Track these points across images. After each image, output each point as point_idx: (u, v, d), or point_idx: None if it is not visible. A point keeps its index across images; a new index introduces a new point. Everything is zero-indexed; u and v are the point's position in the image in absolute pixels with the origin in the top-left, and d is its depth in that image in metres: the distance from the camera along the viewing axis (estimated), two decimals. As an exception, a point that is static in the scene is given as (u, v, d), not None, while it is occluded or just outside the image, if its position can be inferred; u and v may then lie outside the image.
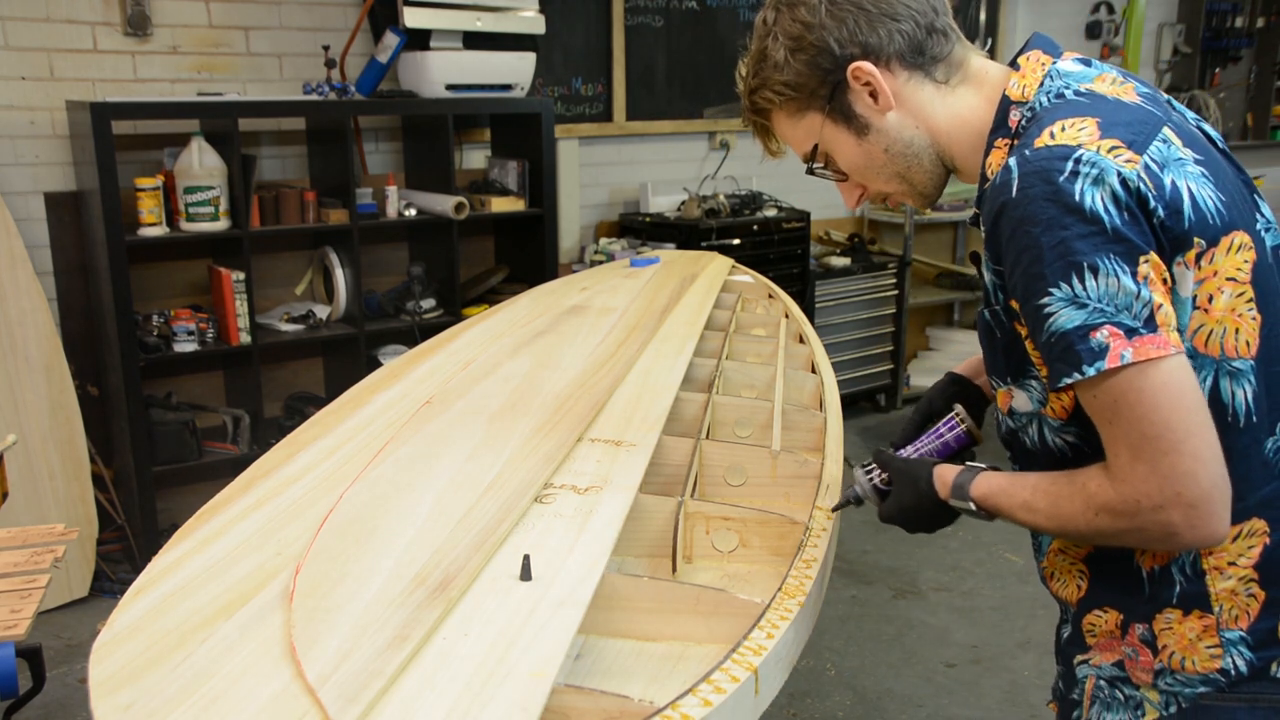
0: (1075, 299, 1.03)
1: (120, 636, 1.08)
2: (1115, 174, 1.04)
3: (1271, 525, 1.13)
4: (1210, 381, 1.10)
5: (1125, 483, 1.05)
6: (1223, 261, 1.09)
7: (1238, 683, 1.14)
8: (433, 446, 1.56)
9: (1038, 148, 1.07)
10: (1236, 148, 7.27)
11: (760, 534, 1.46)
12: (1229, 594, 1.14)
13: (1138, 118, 1.10)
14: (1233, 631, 1.14)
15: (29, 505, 3.42)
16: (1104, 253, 1.03)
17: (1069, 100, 1.13)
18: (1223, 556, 1.13)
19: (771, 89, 1.27)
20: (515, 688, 0.97)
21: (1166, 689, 1.17)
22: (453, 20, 4.00)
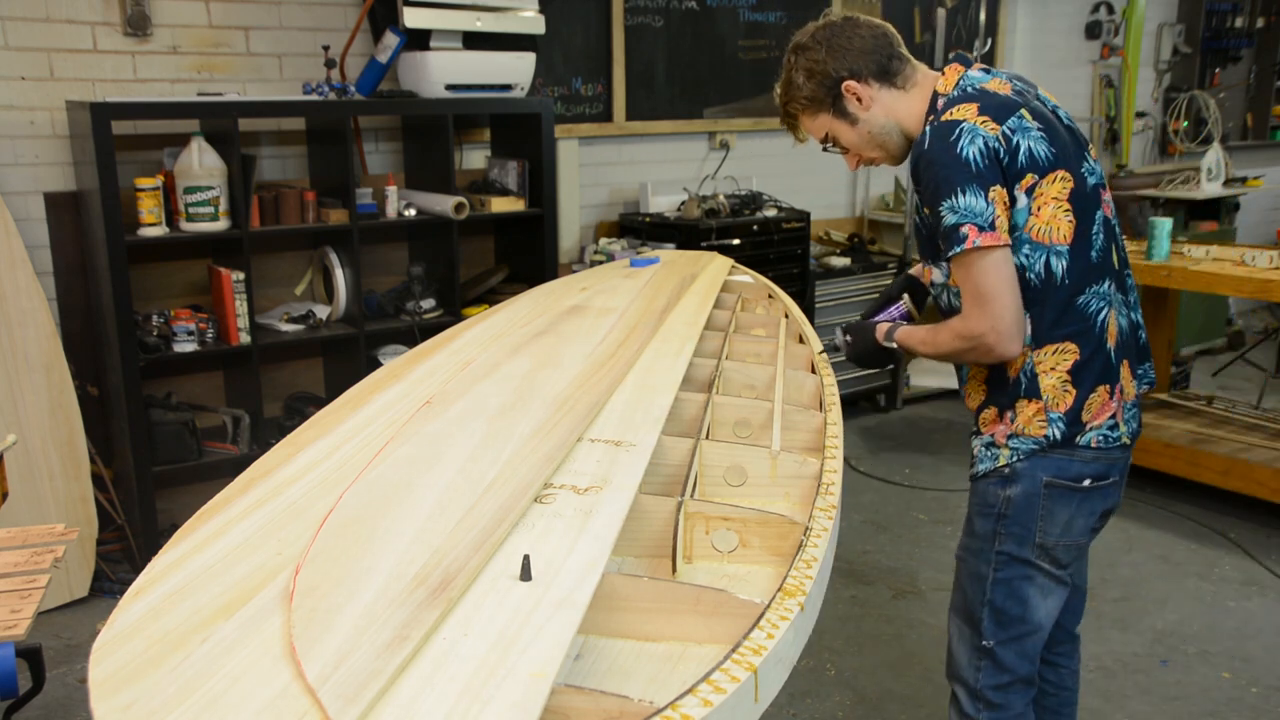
0: (954, 209, 1.79)
1: (120, 636, 1.07)
2: (981, 138, 1.80)
3: (1080, 348, 1.87)
4: (1043, 259, 1.84)
5: (969, 320, 1.83)
6: (1048, 188, 1.82)
7: (1054, 444, 1.89)
8: (433, 447, 1.56)
9: (942, 121, 1.84)
10: (1236, 148, 7.27)
11: (760, 534, 1.46)
12: (1052, 388, 1.88)
13: (1003, 103, 1.85)
14: (1055, 413, 1.88)
15: (29, 505, 3.42)
16: (970, 184, 1.78)
17: (965, 93, 1.89)
18: (1046, 364, 1.87)
19: (797, 102, 2.00)
20: (515, 688, 0.97)
21: (1014, 447, 1.93)
22: (453, 20, 4.00)
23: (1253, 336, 6.69)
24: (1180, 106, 7.09)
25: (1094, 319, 1.86)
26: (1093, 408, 1.88)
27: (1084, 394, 1.87)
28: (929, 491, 4.48)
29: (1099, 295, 1.87)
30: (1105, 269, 1.89)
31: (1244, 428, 4.52)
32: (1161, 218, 4.39)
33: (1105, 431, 1.90)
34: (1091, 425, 1.88)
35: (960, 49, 6.15)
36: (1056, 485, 1.90)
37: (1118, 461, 1.94)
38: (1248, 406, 4.90)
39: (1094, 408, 1.88)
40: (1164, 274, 4.21)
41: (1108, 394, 1.89)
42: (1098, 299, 1.87)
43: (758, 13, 5.33)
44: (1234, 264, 4.19)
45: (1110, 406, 1.90)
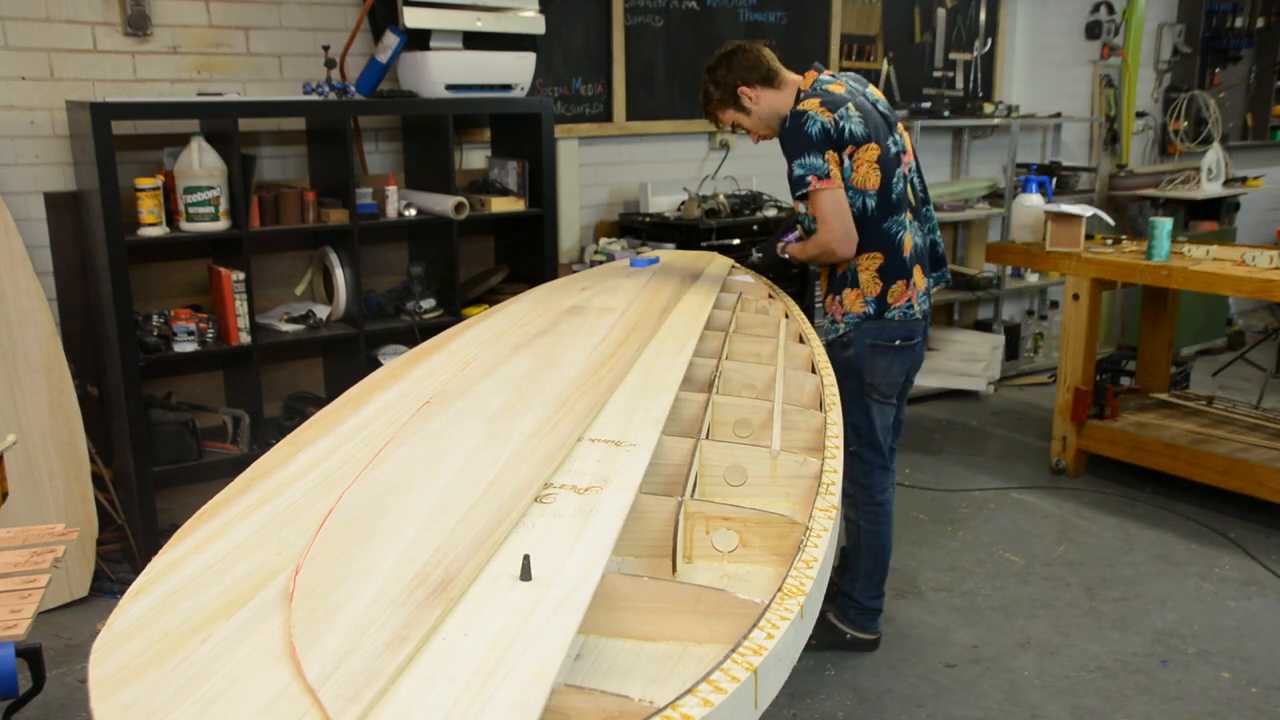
0: (802, 165, 2.80)
1: (120, 636, 1.08)
2: (819, 122, 2.80)
3: (884, 255, 2.91)
4: (860, 200, 2.85)
5: (819, 234, 2.86)
6: (862, 154, 2.83)
7: (869, 317, 2.94)
8: (433, 446, 1.56)
9: (797, 110, 2.84)
10: (1236, 148, 7.27)
11: (760, 534, 1.46)
12: (866, 281, 2.92)
13: (836, 99, 2.84)
14: (869, 297, 2.93)
15: (29, 505, 3.42)
16: (812, 150, 2.80)
17: (813, 91, 2.89)
18: (862, 264, 2.91)
19: (713, 103, 3.07)
20: (515, 688, 0.97)
21: (844, 320, 2.97)
22: (453, 20, 3.99)
23: (1253, 336, 6.69)
24: (1180, 106, 7.09)
25: (894, 238, 2.91)
26: (894, 294, 2.93)
27: (887, 285, 2.92)
28: (929, 491, 4.48)
29: (897, 223, 2.91)
30: (902, 205, 2.92)
31: (1244, 428, 4.51)
32: (1161, 218, 4.39)
33: (904, 309, 2.95)
34: (894, 306, 2.93)
35: (960, 49, 6.15)
36: (876, 345, 2.96)
37: (917, 328, 2.99)
38: (1248, 406, 4.90)
39: (894, 294, 2.93)
40: (1164, 274, 4.21)
41: (904, 286, 2.94)
42: (896, 225, 2.91)
43: (758, 13, 5.33)
44: (1234, 264, 4.19)
45: (906, 294, 2.94)
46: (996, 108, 6.14)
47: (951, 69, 6.19)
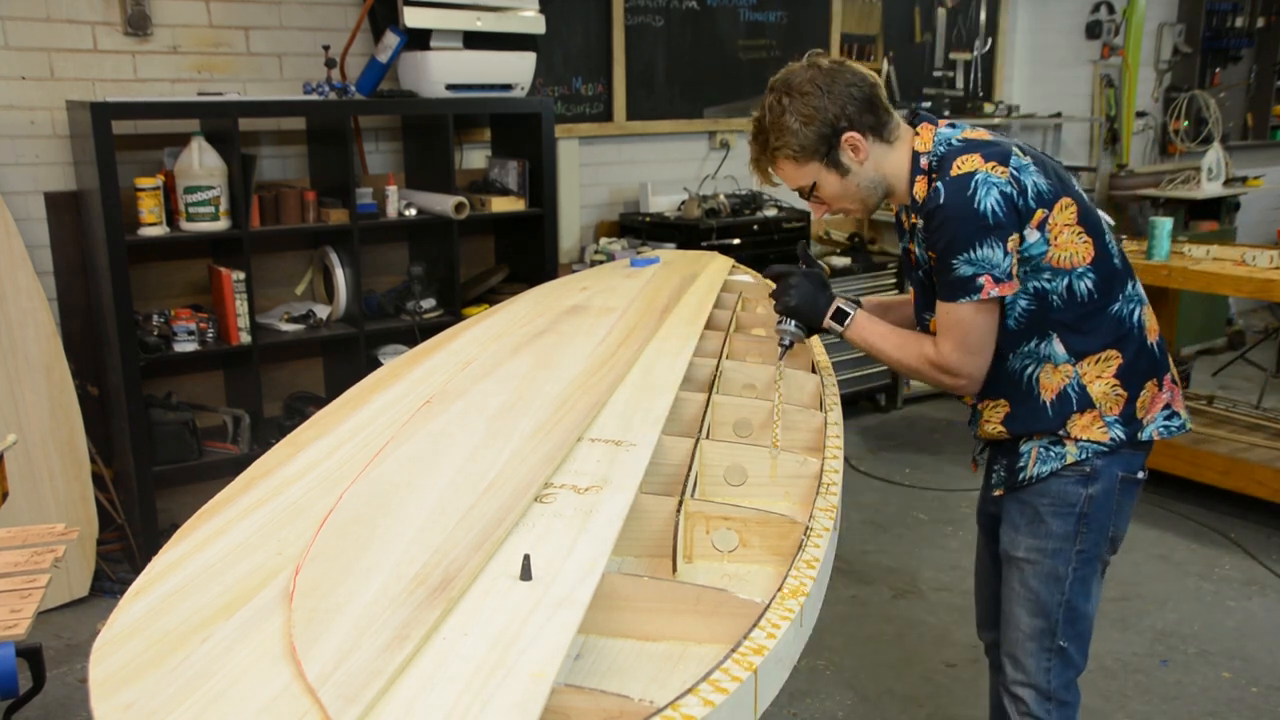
0: (971, 260, 1.82)
1: (120, 636, 1.07)
2: (996, 187, 1.80)
3: (1122, 352, 1.92)
4: (1065, 282, 1.88)
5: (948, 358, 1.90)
6: (1058, 217, 1.86)
7: (1119, 445, 1.93)
8: (433, 446, 1.56)
9: (954, 175, 1.83)
10: (1236, 147, 7.27)
11: (760, 534, 1.46)
12: (1103, 395, 1.92)
13: (999, 148, 1.86)
14: (1110, 417, 1.93)
15: (29, 505, 3.42)
16: (989, 236, 1.81)
17: (956, 146, 1.88)
18: (1092, 374, 1.92)
19: (788, 149, 1.92)
20: (515, 688, 0.97)
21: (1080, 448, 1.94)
22: (453, 20, 3.99)
23: (1253, 336, 6.69)
24: (1180, 106, 7.09)
25: (1129, 320, 1.93)
26: (1145, 404, 1.95)
27: (1135, 393, 1.93)
28: (929, 491, 4.48)
29: (1129, 298, 1.94)
30: (1128, 272, 1.96)
31: (1244, 427, 4.51)
32: (1162, 217, 4.39)
33: (1164, 422, 1.97)
34: (1148, 420, 1.95)
35: (961, 49, 6.15)
36: (1127, 480, 1.96)
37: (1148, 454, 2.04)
38: (1248, 406, 4.90)
39: (1146, 403, 1.95)
40: (1164, 274, 4.21)
41: (1156, 387, 1.96)
42: (1129, 302, 1.94)
43: (758, 13, 5.33)
44: (1234, 264, 4.19)
45: (1161, 398, 1.97)
46: (997, 107, 6.15)
47: (952, 69, 6.19)
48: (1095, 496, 1.93)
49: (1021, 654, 2.00)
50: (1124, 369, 1.91)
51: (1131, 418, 1.92)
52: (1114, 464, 1.93)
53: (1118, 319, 1.91)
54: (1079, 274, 1.87)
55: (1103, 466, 1.92)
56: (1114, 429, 1.91)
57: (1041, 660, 1.99)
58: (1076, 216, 1.87)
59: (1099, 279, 1.89)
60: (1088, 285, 1.88)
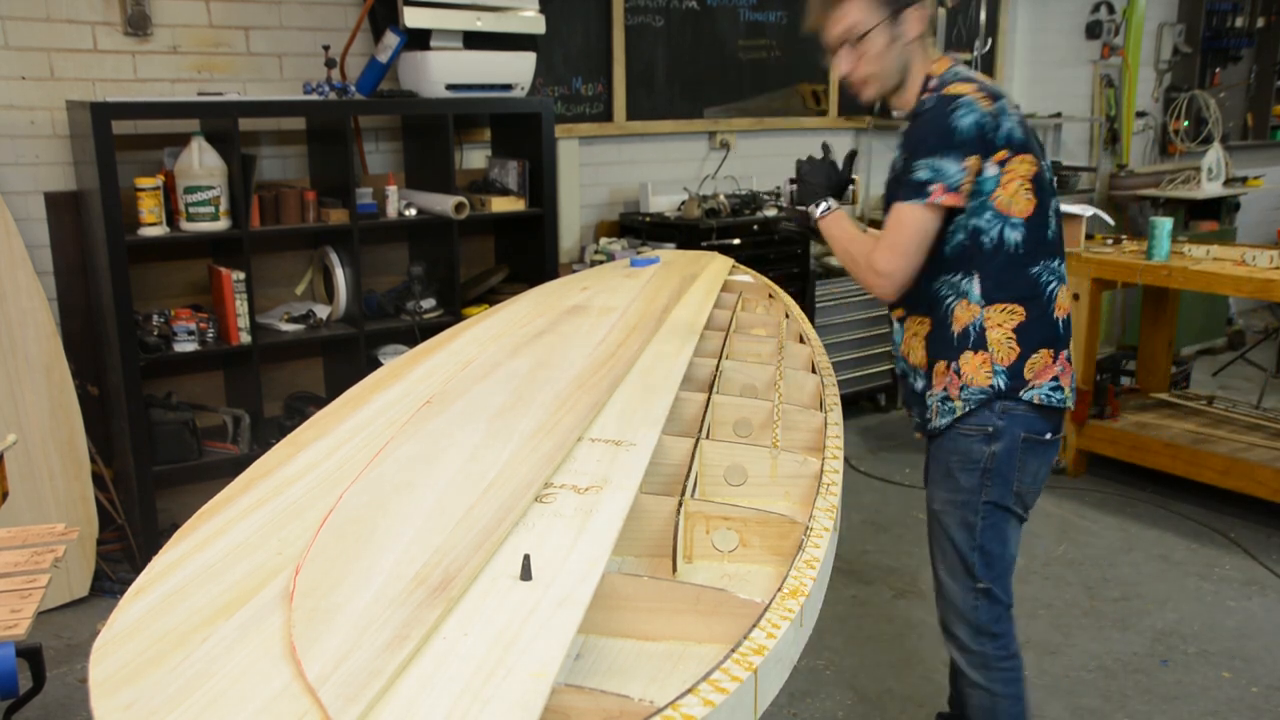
0: (930, 166, 2.01)
1: (120, 636, 1.07)
2: (975, 113, 2.01)
3: (1026, 311, 2.08)
4: (999, 228, 2.06)
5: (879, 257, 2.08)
6: (1017, 166, 2.04)
7: (1000, 394, 2.09)
8: (433, 446, 1.56)
9: (945, 93, 2.04)
10: (1236, 147, 7.26)
11: (760, 534, 1.46)
12: (998, 343, 2.09)
13: (994, 90, 2.08)
14: (999, 366, 2.09)
15: (29, 505, 3.42)
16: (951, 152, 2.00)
17: (959, 75, 2.10)
18: (993, 321, 2.09)
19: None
20: (515, 688, 0.97)
21: (965, 397, 2.12)
22: (453, 20, 3.99)
23: (1253, 336, 6.69)
24: (1180, 106, 7.09)
25: (1044, 288, 2.10)
26: (1035, 367, 2.10)
27: (1026, 352, 2.09)
28: (929, 491, 4.48)
29: (1050, 270, 2.11)
30: (1058, 248, 2.14)
31: (1244, 428, 4.51)
32: (1162, 217, 4.39)
33: (1048, 391, 2.11)
34: (1033, 384, 2.10)
35: (961, 49, 6.15)
36: (1030, 440, 2.12)
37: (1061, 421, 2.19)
38: (1248, 406, 4.90)
39: (1035, 367, 2.10)
40: (1164, 274, 4.21)
41: (1050, 357, 2.11)
42: (1049, 273, 2.11)
43: (758, 13, 5.33)
44: (1234, 264, 4.19)
45: (1052, 369, 2.11)
46: (996, 108, 6.14)
47: (951, 69, 6.18)
48: (998, 454, 2.11)
49: (950, 596, 2.25)
50: (1023, 327, 2.08)
51: (1018, 374, 2.09)
52: (1015, 424, 2.10)
53: (1033, 281, 2.09)
54: (1014, 224, 2.06)
55: (1004, 427, 2.10)
56: (998, 378, 2.09)
57: (967, 599, 2.22)
58: (1032, 175, 2.05)
59: (1028, 236, 2.06)
60: (1017, 238, 2.06)
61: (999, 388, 2.08)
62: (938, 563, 2.29)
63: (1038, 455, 2.14)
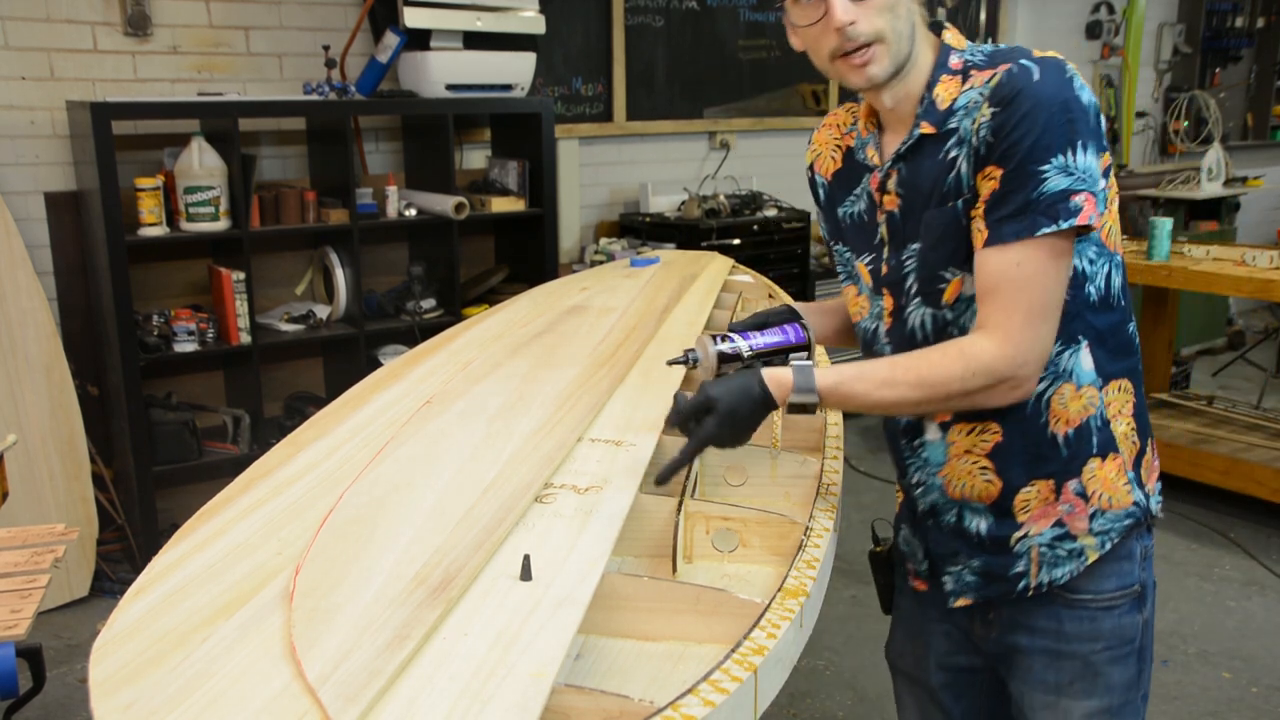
0: (1068, 168, 1.25)
1: (120, 636, 1.07)
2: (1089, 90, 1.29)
3: (1134, 388, 1.42)
4: (1105, 269, 1.37)
5: (1011, 343, 1.27)
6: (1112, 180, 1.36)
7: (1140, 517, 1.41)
8: (433, 446, 1.56)
9: (1041, 57, 1.30)
10: (1236, 148, 7.27)
11: (760, 534, 1.46)
12: (1123, 437, 1.40)
13: None
14: (1130, 472, 1.41)
15: (29, 505, 3.42)
16: (1091, 138, 1.27)
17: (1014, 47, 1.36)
18: (1115, 406, 1.39)
19: None
20: (515, 688, 0.97)
21: (1100, 530, 1.39)
22: (453, 20, 4.00)
23: (1253, 336, 6.69)
24: (1180, 106, 7.09)
25: (1137, 350, 1.44)
26: (1148, 464, 1.45)
27: (1144, 447, 1.44)
28: (929, 491, 4.48)
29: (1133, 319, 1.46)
30: None
31: (1244, 428, 4.51)
32: (1162, 217, 4.39)
33: (1159, 495, 1.47)
34: (1148, 489, 1.45)
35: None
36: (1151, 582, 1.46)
37: None
38: (1248, 406, 4.90)
39: (1148, 466, 1.45)
40: (1164, 274, 4.21)
41: (1152, 450, 1.47)
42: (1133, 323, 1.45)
43: (758, 13, 5.33)
44: (1234, 264, 4.19)
45: (1155, 464, 1.48)
46: (996, 108, 6.14)
47: (951, 69, 6.19)
48: (1149, 620, 1.44)
49: None
50: (1137, 410, 1.43)
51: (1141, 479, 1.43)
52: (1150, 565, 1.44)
53: (1132, 341, 1.43)
54: (1117, 263, 1.38)
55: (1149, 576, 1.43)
56: (1137, 490, 1.40)
57: None
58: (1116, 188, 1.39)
59: (1124, 279, 1.40)
60: (1121, 283, 1.39)
61: (1143, 507, 1.41)
62: None
63: None
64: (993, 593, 1.45)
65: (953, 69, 1.38)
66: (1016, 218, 1.27)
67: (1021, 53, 1.32)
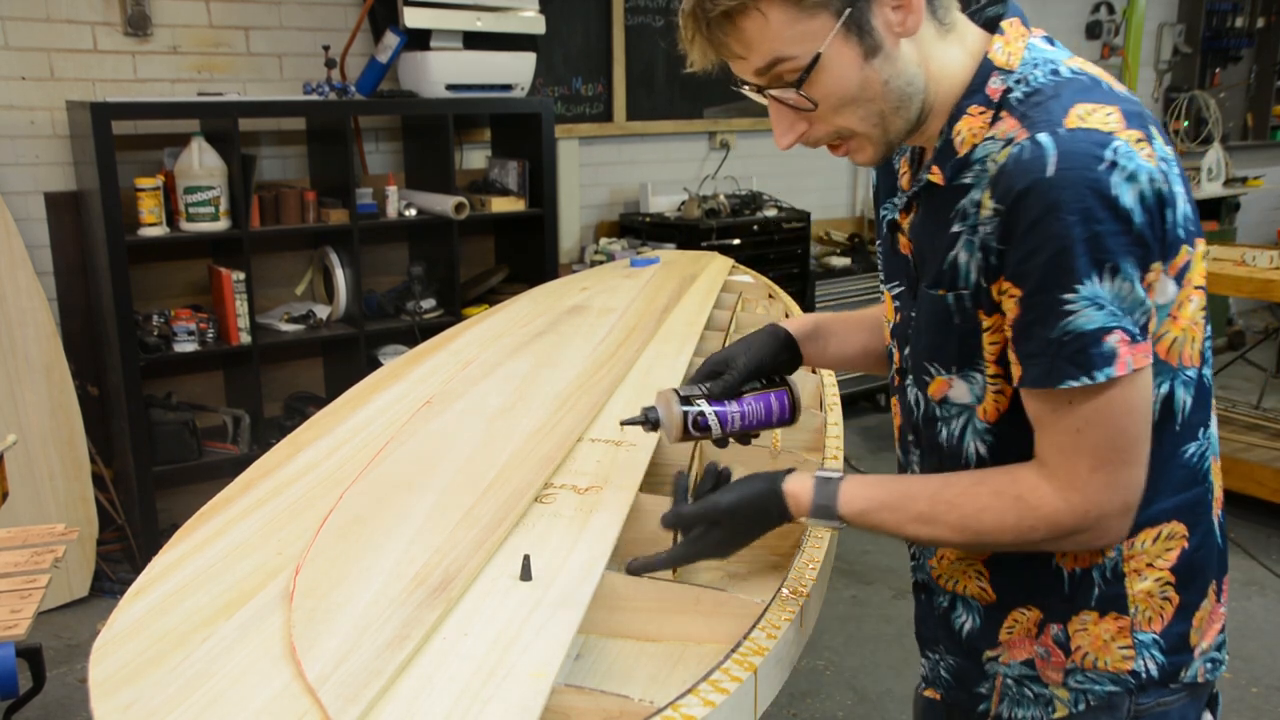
0: (1096, 299, 0.98)
1: (120, 636, 1.07)
2: (1146, 173, 0.98)
3: (1190, 529, 1.13)
4: (1167, 389, 1.08)
5: (1078, 492, 1.02)
6: (1195, 270, 1.06)
7: (1146, 685, 1.13)
8: (433, 446, 1.56)
9: (1071, 128, 0.98)
10: (1236, 148, 7.27)
11: (760, 534, 1.46)
12: (1145, 596, 1.12)
13: (1141, 109, 1.03)
14: (1146, 634, 1.13)
15: (29, 505, 3.42)
16: (1127, 254, 0.98)
17: (1072, 79, 1.05)
18: (1142, 559, 1.12)
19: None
20: (515, 688, 0.97)
21: (1076, 686, 1.15)
22: (453, 20, 4.00)
23: (1253, 336, 6.69)
24: (1180, 106, 7.09)
25: (1202, 474, 1.13)
26: (1204, 618, 1.15)
27: (1193, 603, 1.14)
28: (929, 491, 4.48)
29: (1207, 436, 1.14)
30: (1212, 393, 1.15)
31: (1244, 428, 4.52)
32: (1161, 218, 4.39)
33: (1214, 655, 1.18)
34: (1200, 647, 1.16)
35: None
36: None
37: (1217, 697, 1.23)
38: (1248, 406, 4.90)
39: (1203, 620, 1.15)
40: (1164, 274, 4.21)
41: (1216, 592, 1.17)
42: (1201, 443, 1.13)
43: (758, 13, 5.32)
44: (1234, 264, 4.19)
45: (1219, 612, 1.18)
46: (996, 108, 6.14)
47: (951, 69, 6.19)
48: None
49: None
50: (1187, 560, 1.12)
51: (1180, 642, 1.14)
52: None
53: (1189, 467, 1.12)
54: (1186, 379, 1.09)
55: None
56: (1145, 655, 1.13)
57: None
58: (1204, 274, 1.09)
59: (1200, 390, 1.11)
60: (1188, 400, 1.10)
61: (1145, 675, 1.13)
62: None
63: None
64: (957, 700, 1.25)
65: (989, 97, 1.07)
66: (1039, 360, 1.01)
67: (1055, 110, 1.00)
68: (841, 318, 1.47)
